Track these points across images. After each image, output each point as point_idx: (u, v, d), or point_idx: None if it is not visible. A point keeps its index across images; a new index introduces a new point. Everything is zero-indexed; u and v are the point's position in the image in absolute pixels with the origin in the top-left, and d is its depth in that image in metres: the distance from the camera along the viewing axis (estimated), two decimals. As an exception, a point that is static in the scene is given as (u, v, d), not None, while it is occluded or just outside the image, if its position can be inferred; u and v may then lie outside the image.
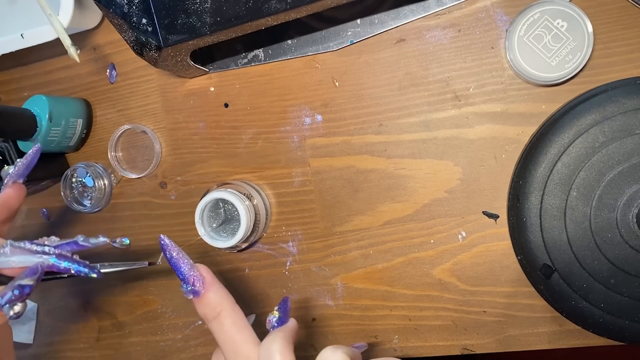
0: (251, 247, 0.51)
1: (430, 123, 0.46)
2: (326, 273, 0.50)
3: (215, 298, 0.30)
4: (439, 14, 0.45)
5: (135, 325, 0.56)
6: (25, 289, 0.29)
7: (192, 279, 0.30)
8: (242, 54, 0.50)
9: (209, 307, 0.29)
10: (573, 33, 0.40)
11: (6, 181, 0.36)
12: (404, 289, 0.48)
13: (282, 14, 0.38)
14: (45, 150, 0.52)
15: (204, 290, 0.30)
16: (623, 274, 0.39)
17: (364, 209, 0.48)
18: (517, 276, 0.45)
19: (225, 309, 0.29)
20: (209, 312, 0.29)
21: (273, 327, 0.31)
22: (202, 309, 0.30)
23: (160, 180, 0.54)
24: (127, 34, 0.41)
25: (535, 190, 0.41)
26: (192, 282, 0.30)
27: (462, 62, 0.45)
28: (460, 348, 0.47)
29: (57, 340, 0.59)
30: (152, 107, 0.53)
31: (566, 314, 0.41)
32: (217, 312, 0.29)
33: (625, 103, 0.39)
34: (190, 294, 0.30)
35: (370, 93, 0.47)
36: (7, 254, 0.30)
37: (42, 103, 0.50)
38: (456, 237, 0.46)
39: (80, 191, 0.55)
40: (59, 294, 0.58)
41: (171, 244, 0.31)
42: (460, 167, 0.46)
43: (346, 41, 0.47)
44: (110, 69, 0.54)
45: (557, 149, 0.40)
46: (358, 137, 0.48)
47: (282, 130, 0.50)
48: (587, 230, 0.40)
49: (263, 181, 0.51)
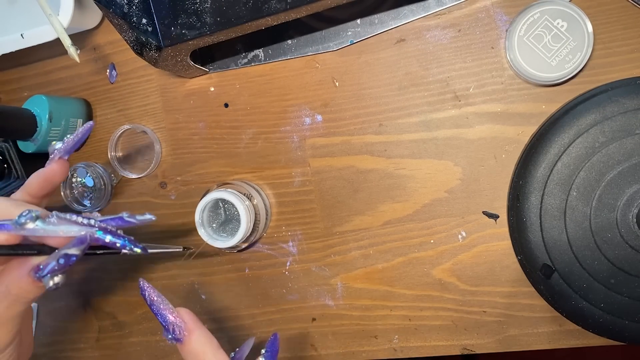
0: (251, 247, 0.51)
1: (430, 123, 0.46)
2: (326, 273, 0.50)
3: (197, 346, 0.29)
4: (439, 14, 0.45)
5: (135, 325, 0.56)
6: (72, 258, 0.29)
7: (171, 326, 0.29)
8: (242, 54, 0.50)
9: (192, 355, 0.29)
10: (573, 33, 0.40)
11: (52, 156, 0.35)
12: (404, 289, 0.48)
13: (282, 14, 0.38)
14: (45, 150, 0.52)
15: (186, 337, 0.29)
16: (623, 274, 0.39)
17: (364, 209, 0.48)
18: (517, 276, 0.45)
19: (210, 354, 0.29)
20: (193, 359, 0.29)
21: None
22: (185, 355, 0.30)
23: (160, 180, 0.54)
24: (127, 34, 0.41)
25: (535, 190, 0.41)
26: (172, 330, 0.29)
27: (462, 62, 0.45)
28: (460, 348, 0.47)
29: (57, 340, 0.59)
30: (152, 107, 0.53)
31: (566, 314, 0.41)
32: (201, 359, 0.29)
33: (625, 103, 0.39)
34: (172, 341, 0.30)
35: (370, 93, 0.47)
36: (54, 223, 0.29)
37: (42, 103, 0.50)
38: (456, 237, 0.46)
39: (80, 191, 0.55)
40: (59, 294, 0.58)
41: (150, 288, 0.30)
42: (460, 167, 0.46)
43: (346, 41, 0.47)
44: (110, 69, 0.54)
45: (557, 149, 0.40)
46: (358, 137, 0.48)
47: (282, 130, 0.50)
48: (587, 230, 0.40)
49: (263, 181, 0.51)
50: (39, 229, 0.28)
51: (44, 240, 0.30)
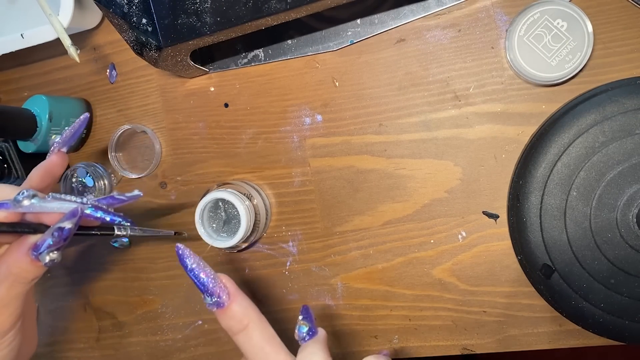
0: (251, 247, 0.51)
1: (430, 123, 0.46)
2: (326, 273, 0.50)
3: (241, 310, 0.28)
4: (439, 14, 0.45)
5: (135, 325, 0.56)
6: (65, 231, 0.29)
7: (215, 290, 0.28)
8: (242, 54, 0.50)
9: (235, 320, 0.28)
10: (573, 33, 0.40)
11: (52, 149, 0.37)
12: (404, 289, 0.48)
13: (282, 14, 0.38)
14: (45, 150, 0.52)
15: (228, 302, 0.28)
16: (623, 274, 0.39)
17: (364, 209, 0.48)
18: (517, 276, 0.45)
19: (252, 321, 0.28)
20: (235, 325, 0.28)
21: (304, 340, 0.30)
22: (227, 321, 0.28)
23: (160, 180, 0.54)
24: (127, 34, 0.41)
25: (535, 190, 0.41)
26: (217, 293, 0.28)
27: (462, 62, 0.45)
28: (460, 348, 0.47)
29: (57, 340, 0.59)
30: (152, 107, 0.53)
31: (566, 314, 0.41)
32: (244, 325, 0.28)
33: (625, 103, 0.39)
34: (214, 307, 0.28)
35: (370, 93, 0.47)
36: (47, 200, 0.31)
37: (42, 103, 0.50)
38: (456, 237, 0.46)
39: (80, 191, 0.55)
40: (59, 294, 0.58)
41: (189, 253, 0.29)
42: (460, 167, 0.46)
43: (346, 41, 0.47)
44: (110, 69, 0.54)
45: (557, 149, 0.40)
46: (358, 137, 0.48)
47: (282, 130, 0.50)
48: (587, 230, 0.39)
49: (263, 181, 0.51)
50: (35, 205, 0.30)
51: (40, 218, 0.31)
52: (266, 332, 0.28)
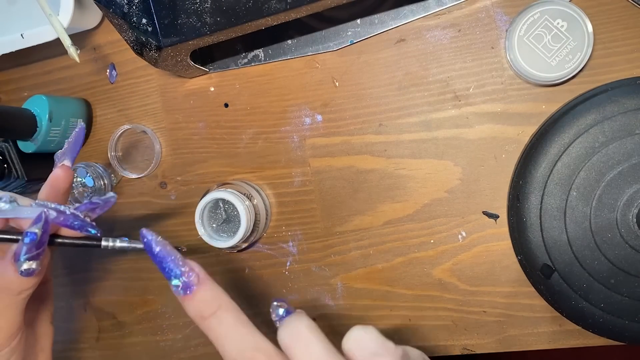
0: (251, 247, 0.51)
1: (430, 123, 0.46)
2: (326, 273, 0.50)
3: (212, 292, 0.26)
4: (439, 14, 0.45)
5: (135, 325, 0.56)
6: (29, 235, 0.29)
7: (185, 271, 0.26)
8: (242, 54, 0.50)
9: (205, 303, 0.26)
10: (573, 33, 0.40)
11: (56, 162, 0.36)
12: (404, 289, 0.48)
13: (282, 14, 0.38)
14: (45, 150, 0.52)
15: (197, 286, 0.26)
16: (623, 274, 0.39)
17: (364, 209, 0.48)
18: (517, 276, 0.45)
19: (224, 303, 0.26)
20: (205, 309, 0.26)
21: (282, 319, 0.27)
22: (195, 305, 0.26)
23: (160, 180, 0.54)
24: (127, 34, 0.41)
25: (535, 190, 0.41)
26: (185, 273, 0.26)
27: (462, 62, 0.45)
28: (460, 348, 0.47)
29: (57, 340, 0.59)
30: (152, 107, 0.53)
31: (566, 314, 0.41)
32: (215, 308, 0.26)
33: (625, 103, 0.39)
34: (181, 291, 0.26)
35: (370, 93, 0.47)
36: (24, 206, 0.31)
37: (42, 103, 0.50)
38: (456, 237, 0.46)
39: (80, 191, 0.55)
40: (59, 294, 0.58)
41: (155, 238, 0.27)
42: (460, 167, 0.46)
43: (346, 41, 0.47)
44: (110, 69, 0.54)
45: (557, 149, 0.40)
46: (358, 137, 0.48)
47: (282, 130, 0.50)
48: (587, 230, 0.40)
49: (263, 181, 0.51)
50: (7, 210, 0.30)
51: (21, 225, 0.31)
52: (240, 316, 0.26)
